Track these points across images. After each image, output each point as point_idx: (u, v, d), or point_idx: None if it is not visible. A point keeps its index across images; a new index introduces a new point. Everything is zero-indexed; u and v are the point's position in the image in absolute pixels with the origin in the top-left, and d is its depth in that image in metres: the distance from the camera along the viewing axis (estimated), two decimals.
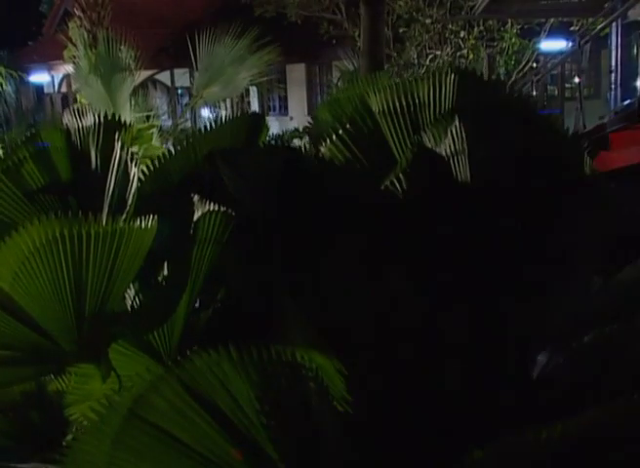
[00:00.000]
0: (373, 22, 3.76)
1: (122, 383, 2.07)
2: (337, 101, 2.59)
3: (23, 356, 1.91)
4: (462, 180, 1.93)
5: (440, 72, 1.91)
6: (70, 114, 2.48)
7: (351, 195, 2.09)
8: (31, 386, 2.34)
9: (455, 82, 1.92)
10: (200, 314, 2.37)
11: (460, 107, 1.92)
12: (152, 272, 2.12)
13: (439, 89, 1.94)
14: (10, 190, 2.46)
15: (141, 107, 12.67)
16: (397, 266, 1.92)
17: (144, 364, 2.12)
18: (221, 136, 2.42)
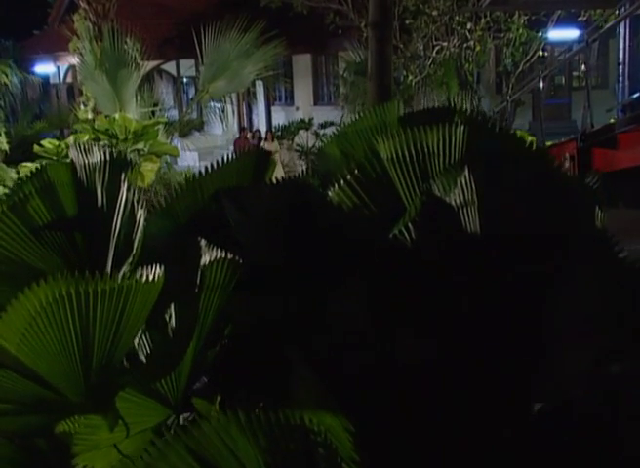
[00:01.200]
0: (380, 46, 3.72)
1: (130, 431, 2.06)
2: (344, 136, 2.57)
3: (28, 408, 1.90)
4: (472, 232, 1.92)
5: (450, 123, 1.89)
6: (76, 149, 2.46)
7: (360, 242, 2.08)
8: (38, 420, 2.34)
9: (464, 133, 1.90)
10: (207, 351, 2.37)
11: (469, 158, 1.90)
12: (159, 319, 2.10)
13: (449, 139, 1.92)
14: (16, 227, 2.44)
15: (147, 102, 12.68)
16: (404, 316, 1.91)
17: (152, 409, 2.12)
18: (228, 174, 2.40)
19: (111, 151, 2.40)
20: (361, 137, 2.57)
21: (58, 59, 22.64)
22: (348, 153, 2.54)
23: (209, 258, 2.07)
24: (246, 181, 2.44)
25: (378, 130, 2.59)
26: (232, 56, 12.73)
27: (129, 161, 2.38)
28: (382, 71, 3.64)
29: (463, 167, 1.90)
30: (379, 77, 3.66)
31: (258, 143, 18.75)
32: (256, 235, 2.22)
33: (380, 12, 4.01)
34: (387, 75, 3.68)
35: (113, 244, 2.33)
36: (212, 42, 12.90)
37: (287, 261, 2.18)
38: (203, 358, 2.31)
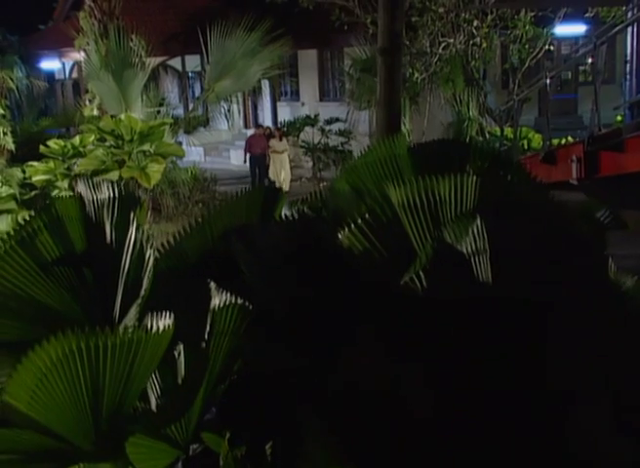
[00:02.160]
0: (389, 73, 3.70)
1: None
2: (354, 170, 2.56)
3: (37, 458, 1.90)
4: (484, 281, 1.90)
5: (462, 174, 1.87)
6: (84, 185, 2.45)
7: (371, 287, 2.07)
8: None
9: (476, 183, 1.88)
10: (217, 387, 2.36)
11: (482, 207, 1.89)
12: (170, 362, 2.10)
13: (461, 188, 1.91)
14: (24, 262, 2.44)
15: (153, 102, 12.66)
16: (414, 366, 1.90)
17: (162, 451, 2.12)
18: (237, 211, 2.39)
19: (120, 188, 2.39)
20: (371, 172, 2.56)
21: (63, 56, 22.63)
22: (358, 189, 2.53)
23: (219, 302, 2.06)
24: (255, 217, 2.43)
25: (387, 163, 2.59)
26: (238, 55, 12.71)
27: (137, 199, 2.37)
28: (392, 98, 3.61)
29: (475, 216, 1.88)
30: (388, 104, 3.62)
31: (267, 141, 18.64)
32: (264, 276, 2.21)
33: (390, 38, 3.98)
34: (397, 102, 3.65)
35: (122, 283, 2.32)
36: (217, 41, 12.87)
37: (296, 304, 2.17)
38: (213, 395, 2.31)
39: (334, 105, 21.08)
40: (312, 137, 20.56)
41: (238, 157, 23.70)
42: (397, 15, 3.96)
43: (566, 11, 17.62)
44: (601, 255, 1.87)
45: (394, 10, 3.96)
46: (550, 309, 1.82)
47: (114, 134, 11.07)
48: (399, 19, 4.03)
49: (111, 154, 11.09)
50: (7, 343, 2.44)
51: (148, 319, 2.01)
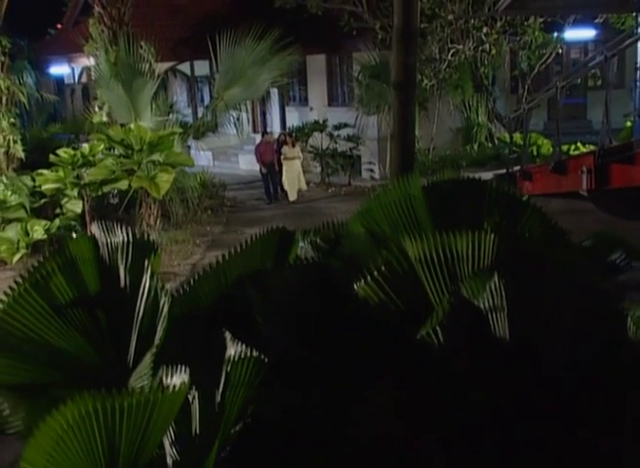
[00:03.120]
0: (404, 107, 3.67)
1: None
2: (368, 212, 2.55)
3: None
4: (500, 338, 1.89)
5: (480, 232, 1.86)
6: (98, 228, 2.45)
7: (386, 339, 2.05)
8: None
9: (494, 241, 1.87)
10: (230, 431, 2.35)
11: (499, 264, 1.87)
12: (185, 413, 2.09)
13: (478, 245, 1.90)
14: (38, 305, 2.44)
15: (162, 111, 12.67)
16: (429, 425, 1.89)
17: None
18: (251, 256, 2.38)
19: (134, 233, 2.39)
20: (386, 214, 2.55)
21: (72, 61, 22.65)
22: (373, 231, 2.52)
23: (234, 354, 2.05)
24: (270, 261, 2.42)
25: (402, 204, 2.57)
26: (247, 63, 12.70)
27: (152, 244, 2.37)
28: (405, 132, 3.58)
29: (493, 273, 1.87)
30: (401, 137, 3.60)
31: (279, 148, 18.34)
32: (279, 325, 2.20)
33: (404, 72, 3.96)
34: (410, 136, 3.63)
35: (136, 329, 2.32)
36: (227, 49, 12.86)
37: (310, 353, 2.17)
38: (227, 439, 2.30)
39: (342, 110, 21.04)
40: (321, 143, 20.55)
41: (247, 162, 23.71)
42: (411, 49, 3.95)
43: (575, 16, 17.57)
44: (619, 313, 1.86)
45: (408, 44, 3.95)
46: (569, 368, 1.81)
47: (124, 143, 11.08)
48: (413, 53, 4.01)
49: (120, 164, 11.10)
50: (21, 386, 2.44)
51: (163, 372, 2.01)
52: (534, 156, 16.33)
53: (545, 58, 18.50)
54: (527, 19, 17.17)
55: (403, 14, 3.98)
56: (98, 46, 14.90)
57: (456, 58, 17.51)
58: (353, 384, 2.03)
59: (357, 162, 20.82)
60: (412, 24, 4.03)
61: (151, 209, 12.67)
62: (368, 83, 18.30)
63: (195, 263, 12.43)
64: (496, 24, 17.25)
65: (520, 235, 2.06)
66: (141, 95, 11.96)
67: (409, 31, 4.01)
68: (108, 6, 15.43)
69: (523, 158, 13.86)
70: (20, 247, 11.59)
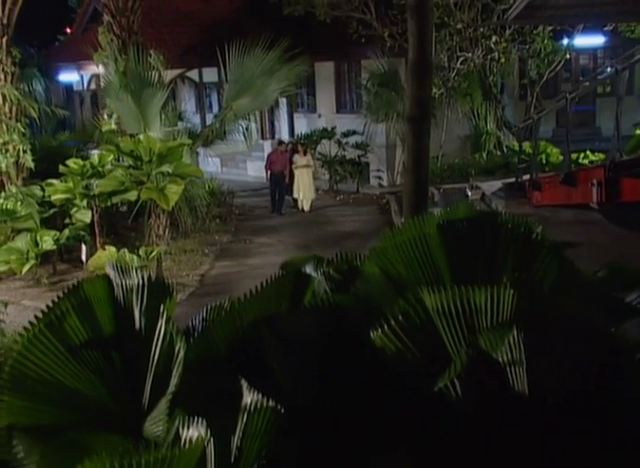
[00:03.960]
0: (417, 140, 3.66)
1: None
2: (383, 252, 2.54)
3: None
4: (519, 392, 1.88)
5: (499, 286, 1.85)
6: (113, 268, 2.45)
7: (403, 389, 2.04)
8: None
9: (513, 295, 1.86)
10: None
11: (518, 318, 1.86)
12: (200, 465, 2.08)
13: (497, 299, 1.89)
14: (53, 346, 2.43)
15: (171, 121, 12.69)
16: None
17: None
18: (267, 298, 2.37)
19: (149, 276, 2.38)
20: (401, 254, 2.54)
21: (81, 68, 22.71)
22: (389, 272, 2.51)
23: (250, 403, 2.05)
24: (285, 304, 2.42)
25: (417, 244, 2.56)
26: (256, 73, 12.72)
27: (167, 288, 2.36)
28: (419, 166, 3.57)
29: (511, 327, 1.86)
30: (415, 171, 3.59)
31: (291, 157, 18.23)
32: (294, 371, 2.19)
33: (418, 106, 3.95)
34: (425, 169, 3.62)
35: (151, 373, 2.31)
36: (236, 59, 12.89)
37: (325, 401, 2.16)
38: None
39: (350, 117, 21.05)
40: (329, 150, 20.56)
41: (255, 168, 23.74)
42: (426, 83, 3.93)
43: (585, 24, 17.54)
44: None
45: (423, 78, 3.93)
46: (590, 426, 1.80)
47: (133, 154, 11.10)
48: (428, 87, 4.00)
49: (130, 175, 11.12)
50: (36, 428, 2.43)
51: (180, 422, 2.00)
52: (543, 165, 16.29)
53: (554, 65, 18.46)
54: (536, 28, 17.15)
55: (418, 48, 3.97)
56: (107, 54, 14.94)
57: (465, 67, 17.49)
58: (369, 435, 2.02)
59: (365, 169, 20.83)
60: (426, 59, 4.02)
61: (160, 218, 12.69)
62: (376, 91, 18.30)
63: (204, 274, 12.45)
64: (505, 33, 17.23)
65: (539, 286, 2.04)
66: (151, 105, 11.99)
67: (424, 66, 4.00)
68: (118, 15, 15.46)
69: (532, 168, 13.83)
70: (29, 257, 11.62)
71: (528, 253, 2.53)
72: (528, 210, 13.02)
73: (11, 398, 2.42)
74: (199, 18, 22.90)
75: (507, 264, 2.55)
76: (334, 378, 2.17)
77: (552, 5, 12.67)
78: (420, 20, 3.99)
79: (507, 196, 14.41)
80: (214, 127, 13.42)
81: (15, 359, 2.43)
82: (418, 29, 3.96)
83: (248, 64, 12.77)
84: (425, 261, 2.55)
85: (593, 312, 1.99)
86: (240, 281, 11.90)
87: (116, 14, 15.47)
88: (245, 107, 12.98)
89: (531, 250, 2.53)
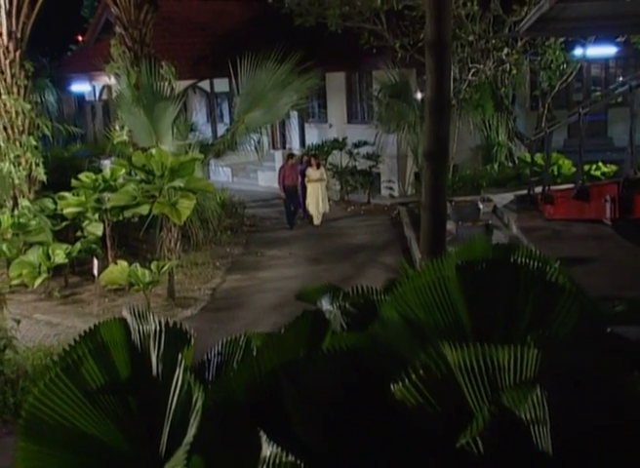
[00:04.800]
0: (435, 178, 3.63)
1: None
2: (402, 297, 2.51)
3: None
4: (542, 450, 1.85)
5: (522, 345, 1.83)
6: (130, 313, 2.43)
7: (423, 443, 2.02)
8: None
9: (537, 355, 1.83)
10: None
11: (542, 377, 1.84)
12: None
13: (521, 357, 1.86)
14: (70, 391, 2.41)
15: (183, 135, 12.70)
16: None
17: None
18: (285, 344, 2.35)
19: (167, 322, 2.37)
20: (420, 298, 2.52)
21: (93, 79, 22.79)
22: (408, 317, 2.48)
23: (269, 456, 2.03)
24: (303, 349, 2.39)
25: (436, 287, 2.54)
26: (268, 86, 12.71)
27: (185, 334, 2.35)
28: (437, 203, 3.54)
29: (535, 385, 1.84)
30: (433, 209, 3.56)
31: (304, 170, 17.98)
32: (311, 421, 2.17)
33: (436, 143, 3.93)
34: (442, 206, 3.58)
35: (169, 421, 2.29)
36: (247, 72, 12.89)
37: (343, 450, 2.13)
38: None
39: (361, 128, 21.05)
40: (340, 160, 20.55)
41: (266, 178, 23.76)
42: (444, 119, 3.91)
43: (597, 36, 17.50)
44: None
45: (441, 114, 3.91)
46: None
47: (145, 169, 11.11)
48: (446, 122, 3.98)
49: (142, 189, 11.13)
50: None
51: None
52: (554, 176, 16.23)
53: (566, 77, 18.42)
54: (547, 39, 17.11)
55: (435, 85, 3.94)
56: (119, 66, 14.98)
57: (476, 78, 17.47)
58: None
59: (376, 180, 20.80)
60: (445, 96, 3.99)
61: (172, 231, 12.69)
62: (388, 102, 18.29)
63: (215, 287, 12.44)
64: (516, 44, 17.20)
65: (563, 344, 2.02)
66: (163, 119, 11.99)
67: (442, 102, 3.97)
68: (130, 27, 15.51)
69: (545, 181, 13.78)
70: (41, 271, 11.65)
71: (548, 297, 2.50)
72: (540, 223, 12.97)
73: (26, 443, 2.41)
74: (211, 28, 22.98)
75: (527, 309, 2.52)
76: (352, 428, 2.15)
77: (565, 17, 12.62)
78: (438, 57, 3.97)
79: (519, 209, 14.35)
80: (225, 139, 13.40)
81: (31, 404, 2.42)
82: (435, 66, 3.94)
83: (259, 77, 12.76)
84: (444, 305, 2.52)
85: (614, 365, 1.96)
86: (251, 295, 11.90)
87: (128, 26, 15.52)
88: (256, 121, 12.98)
89: (551, 294, 2.51)
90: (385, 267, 13.10)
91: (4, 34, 13.36)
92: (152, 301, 11.34)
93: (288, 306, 11.01)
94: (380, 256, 13.94)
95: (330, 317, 3.46)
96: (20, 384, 7.63)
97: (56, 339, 10.05)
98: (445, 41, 4.01)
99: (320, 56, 18.77)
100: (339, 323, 3.34)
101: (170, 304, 11.46)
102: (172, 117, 12.12)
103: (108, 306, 11.52)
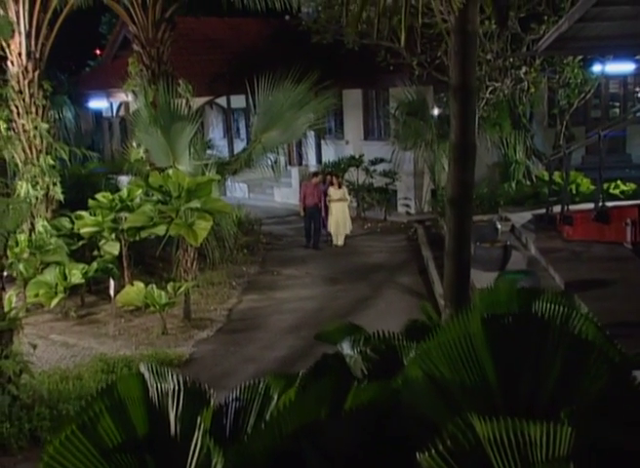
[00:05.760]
0: (459, 224, 3.56)
1: None
2: (427, 354, 2.45)
3: None
4: None
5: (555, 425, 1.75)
6: (147, 370, 2.38)
7: None
8: None
9: (570, 433, 1.76)
10: None
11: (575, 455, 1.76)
12: None
13: (554, 434, 1.79)
14: (86, 449, 2.36)
15: (200, 154, 12.69)
16: None
17: None
18: (306, 406, 2.29)
19: (185, 380, 2.31)
20: (445, 354, 2.45)
21: (111, 96, 22.88)
22: (433, 376, 2.42)
23: None
24: (325, 410, 2.33)
25: (462, 343, 2.47)
26: (285, 106, 12.69)
27: (204, 394, 2.29)
28: (461, 250, 3.48)
29: (569, 463, 1.76)
30: (457, 256, 3.49)
31: (326, 189, 17.70)
32: None
33: (460, 189, 3.87)
34: (467, 253, 3.51)
35: None
36: (264, 91, 12.88)
37: None
38: None
39: (378, 144, 20.99)
40: (357, 177, 20.50)
41: (282, 194, 23.73)
42: (469, 165, 3.85)
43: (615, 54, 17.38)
44: None
45: (466, 160, 3.86)
46: None
47: (162, 190, 11.10)
48: (471, 169, 3.92)
49: (159, 210, 11.12)
50: None
51: None
52: (573, 195, 16.09)
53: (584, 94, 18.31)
54: (566, 57, 17.02)
55: (460, 130, 3.89)
56: (136, 84, 15.02)
57: (494, 96, 17.39)
58: None
59: (393, 197, 20.73)
60: (469, 141, 3.94)
61: (188, 251, 12.66)
62: (405, 120, 18.23)
63: (231, 308, 12.39)
64: (534, 62, 17.11)
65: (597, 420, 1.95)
66: (180, 139, 11.99)
67: (467, 148, 3.92)
68: (147, 46, 15.55)
69: (563, 201, 13.65)
70: (58, 291, 11.64)
71: (577, 355, 2.43)
72: (558, 244, 12.85)
73: None
74: (228, 45, 23.02)
75: (555, 366, 2.45)
76: None
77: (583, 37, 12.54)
78: (463, 102, 3.92)
79: (537, 229, 14.23)
80: (242, 159, 13.38)
81: (46, 462, 2.37)
82: (460, 111, 3.89)
83: (276, 97, 12.75)
84: (470, 362, 2.46)
85: None
86: (268, 316, 11.84)
87: (146, 44, 15.56)
88: (274, 140, 12.96)
89: (580, 352, 2.43)
90: (403, 288, 13.00)
91: (23, 55, 13.42)
92: (168, 322, 11.30)
93: (304, 329, 10.94)
94: (397, 277, 13.85)
95: (350, 362, 3.40)
96: (36, 410, 7.59)
97: (72, 361, 10.03)
98: (470, 86, 3.96)
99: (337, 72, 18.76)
100: (359, 369, 3.27)
101: (186, 325, 11.41)
102: (189, 137, 12.12)
103: (125, 327, 11.49)
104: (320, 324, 11.23)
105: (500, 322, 2.56)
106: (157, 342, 10.68)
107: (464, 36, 3.87)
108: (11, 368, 7.48)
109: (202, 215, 10.87)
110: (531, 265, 11.95)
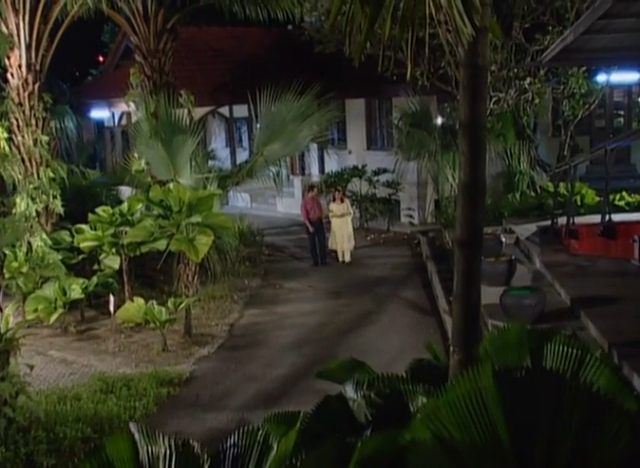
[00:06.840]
0: (468, 266, 3.39)
1: None
2: (435, 413, 2.30)
3: None
4: None
5: None
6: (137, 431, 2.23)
7: None
8: None
9: None
10: None
11: None
12: None
13: None
14: None
15: (202, 168, 12.56)
16: None
17: None
18: None
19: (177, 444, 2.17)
20: (454, 413, 2.31)
21: (112, 105, 22.80)
22: (441, 437, 2.27)
23: None
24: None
25: (472, 400, 2.33)
26: (288, 119, 12.55)
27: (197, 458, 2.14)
28: (470, 295, 3.32)
29: None
30: (466, 300, 3.33)
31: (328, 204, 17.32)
32: None
33: (469, 230, 3.74)
34: (476, 297, 3.35)
35: None
36: (267, 104, 12.74)
37: None
38: None
39: (381, 154, 20.88)
40: (359, 188, 20.37)
41: (284, 204, 23.57)
42: (479, 205, 3.72)
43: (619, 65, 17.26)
44: None
45: (476, 200, 3.72)
46: None
47: (163, 204, 10.97)
48: (481, 209, 3.79)
49: (159, 225, 10.99)
50: None
51: None
52: (578, 206, 15.92)
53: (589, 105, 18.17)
54: (570, 68, 16.89)
55: (470, 169, 3.76)
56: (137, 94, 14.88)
57: (498, 107, 17.25)
58: None
59: (396, 207, 20.59)
60: (479, 180, 3.81)
61: (189, 265, 12.51)
62: (408, 131, 18.10)
63: (233, 323, 12.24)
64: (539, 73, 16.98)
65: None
66: (181, 152, 11.87)
67: (476, 188, 3.79)
68: (149, 56, 15.43)
69: (569, 215, 13.49)
70: (57, 306, 11.51)
71: (595, 413, 2.28)
72: (564, 258, 12.68)
73: None
74: (231, 55, 22.94)
75: (572, 425, 2.30)
76: None
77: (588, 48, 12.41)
78: (472, 139, 3.79)
79: (542, 242, 14.05)
80: (244, 171, 13.24)
81: None
82: (469, 148, 3.75)
83: (279, 109, 12.62)
84: (481, 421, 2.31)
85: None
86: (269, 332, 11.68)
87: (147, 55, 15.44)
88: (276, 153, 12.82)
89: (599, 410, 2.28)
90: (406, 303, 12.85)
91: (23, 67, 13.31)
92: (169, 338, 11.15)
93: (307, 346, 10.80)
94: (400, 290, 13.69)
95: (354, 406, 3.25)
96: (33, 433, 7.44)
97: (70, 379, 9.88)
98: (480, 122, 3.83)
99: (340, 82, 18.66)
100: (363, 414, 3.13)
101: (187, 342, 11.26)
102: (190, 150, 11.99)
103: (124, 343, 11.34)
104: (322, 340, 11.18)
105: (514, 377, 2.41)
106: (157, 359, 10.53)
107: (474, 70, 3.73)
108: (7, 390, 7.33)
109: (203, 230, 10.74)
110: (536, 280, 11.78)
